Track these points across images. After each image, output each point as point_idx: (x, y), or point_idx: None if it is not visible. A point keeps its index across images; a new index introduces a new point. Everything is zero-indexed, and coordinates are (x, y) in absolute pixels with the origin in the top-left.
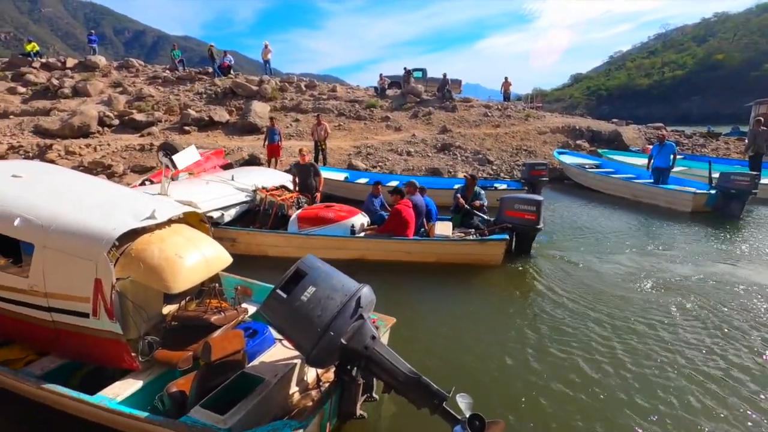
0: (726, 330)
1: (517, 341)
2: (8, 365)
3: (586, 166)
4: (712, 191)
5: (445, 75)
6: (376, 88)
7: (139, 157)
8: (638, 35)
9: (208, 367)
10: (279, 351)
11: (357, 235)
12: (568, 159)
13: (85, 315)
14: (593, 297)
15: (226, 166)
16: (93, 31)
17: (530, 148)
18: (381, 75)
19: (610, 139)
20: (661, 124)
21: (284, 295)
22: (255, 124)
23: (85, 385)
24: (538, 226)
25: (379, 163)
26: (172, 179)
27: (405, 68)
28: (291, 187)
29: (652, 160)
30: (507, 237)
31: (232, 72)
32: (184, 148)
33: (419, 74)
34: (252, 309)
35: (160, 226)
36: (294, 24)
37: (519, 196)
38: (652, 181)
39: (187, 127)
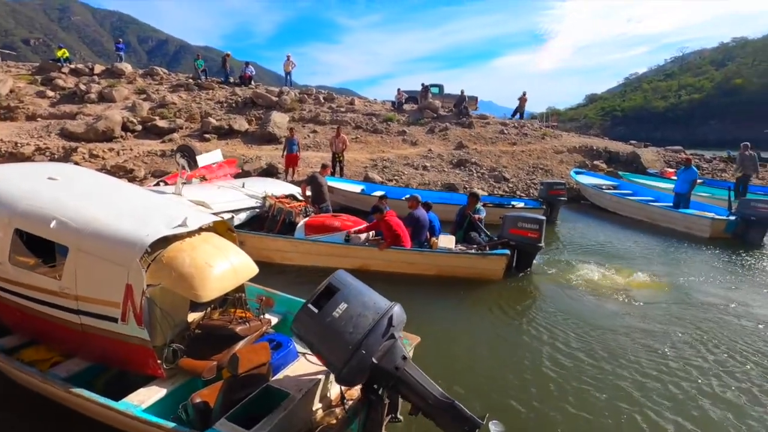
0: (730, 365)
1: (522, 360)
2: (34, 366)
3: (603, 187)
4: (732, 217)
5: (462, 92)
6: (393, 102)
7: (159, 163)
8: (655, 58)
9: (234, 379)
10: (303, 365)
11: (360, 244)
12: (585, 179)
13: (114, 320)
14: (593, 319)
15: (238, 176)
16: (121, 39)
17: (546, 167)
18: (399, 89)
19: (628, 161)
20: (680, 147)
21: (315, 310)
22: (274, 134)
23: (109, 389)
24: (540, 245)
25: (395, 177)
26: (186, 182)
27: (422, 84)
28: (298, 197)
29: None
30: (508, 252)
31: (252, 82)
32: (201, 152)
33: (436, 90)
34: (274, 320)
35: (190, 234)
36: (312, 38)
37: (522, 215)
38: (671, 204)
39: (207, 135)
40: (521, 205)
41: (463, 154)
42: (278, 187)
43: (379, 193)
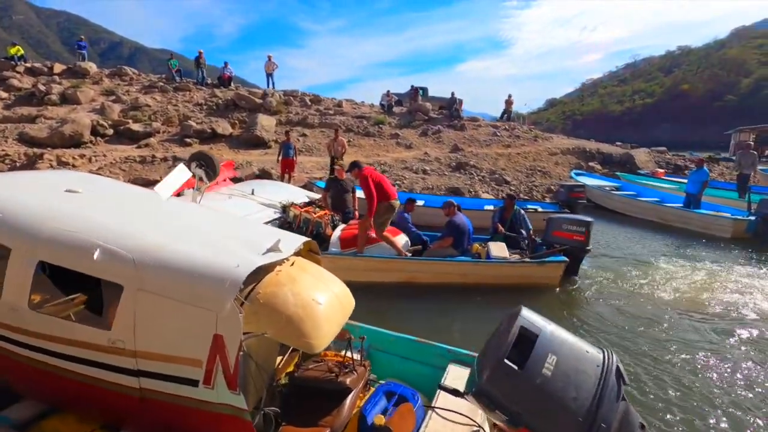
0: None
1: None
2: None
3: (607, 188)
4: (752, 217)
5: (453, 94)
6: (383, 105)
7: (140, 170)
8: (607, 64)
9: None
10: (439, 425)
11: (407, 256)
12: (587, 181)
13: (193, 383)
14: (661, 322)
15: (236, 179)
16: (83, 37)
17: (544, 169)
18: (388, 91)
19: (621, 162)
20: (664, 148)
21: (516, 368)
22: (262, 138)
23: None
24: (588, 248)
25: (397, 182)
26: (181, 193)
27: (412, 85)
28: (314, 202)
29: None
30: (566, 259)
31: (232, 83)
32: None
33: (420, 92)
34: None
35: (281, 261)
36: (276, 42)
37: (568, 217)
38: (681, 205)
39: (188, 139)
40: (539, 209)
41: (461, 157)
42: (288, 192)
43: None
